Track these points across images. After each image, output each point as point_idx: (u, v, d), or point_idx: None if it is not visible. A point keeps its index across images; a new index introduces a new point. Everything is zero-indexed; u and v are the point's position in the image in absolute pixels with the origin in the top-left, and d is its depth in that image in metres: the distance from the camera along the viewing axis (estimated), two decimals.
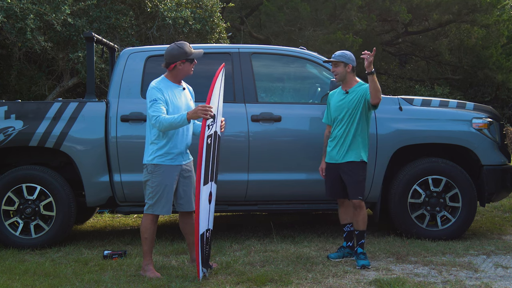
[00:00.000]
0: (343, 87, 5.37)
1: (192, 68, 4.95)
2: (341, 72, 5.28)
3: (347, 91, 5.31)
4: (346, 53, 5.33)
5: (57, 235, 5.99)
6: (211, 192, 4.83)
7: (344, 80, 5.32)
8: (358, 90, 5.27)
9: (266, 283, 4.56)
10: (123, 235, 6.57)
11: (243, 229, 6.77)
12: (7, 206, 5.97)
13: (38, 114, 5.98)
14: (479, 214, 7.53)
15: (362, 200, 5.20)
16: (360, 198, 5.19)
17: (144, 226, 4.90)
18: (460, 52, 17.32)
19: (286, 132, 6.07)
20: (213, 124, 4.76)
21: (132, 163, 5.85)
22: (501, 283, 4.57)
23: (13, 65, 11.53)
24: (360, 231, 5.21)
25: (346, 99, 5.28)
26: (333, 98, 5.43)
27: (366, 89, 5.22)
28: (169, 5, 10.69)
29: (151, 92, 4.79)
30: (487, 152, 6.09)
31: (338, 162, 5.28)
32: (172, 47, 4.89)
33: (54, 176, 6.00)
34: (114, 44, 7.41)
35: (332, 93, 5.50)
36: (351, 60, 5.30)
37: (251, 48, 6.37)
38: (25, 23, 9.24)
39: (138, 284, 4.62)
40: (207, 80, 5.57)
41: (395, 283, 4.46)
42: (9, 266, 5.23)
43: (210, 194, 4.82)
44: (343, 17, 15.27)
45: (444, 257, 5.37)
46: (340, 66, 5.27)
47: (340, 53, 5.33)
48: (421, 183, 6.02)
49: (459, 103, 6.44)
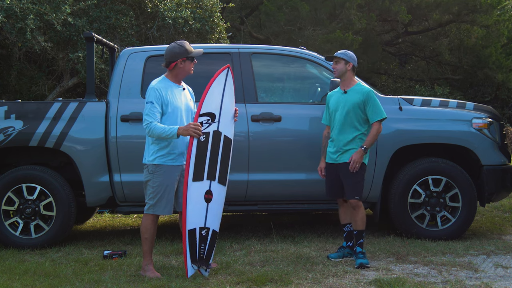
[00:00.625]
0: (342, 87, 5.38)
1: (192, 67, 4.95)
2: (341, 68, 5.30)
3: (345, 91, 5.32)
4: (348, 52, 5.37)
5: (57, 235, 5.99)
6: (210, 191, 4.80)
7: (343, 77, 5.33)
8: (357, 91, 5.27)
9: (266, 283, 4.56)
10: (123, 235, 6.57)
11: (243, 229, 6.77)
12: (7, 206, 5.97)
13: (38, 114, 5.98)
14: (479, 214, 7.53)
15: (359, 200, 5.20)
16: (357, 198, 5.19)
17: (144, 226, 4.90)
18: (460, 52, 17.31)
19: (286, 132, 6.07)
20: (213, 123, 4.77)
21: (132, 163, 5.85)
22: (501, 283, 4.57)
23: (13, 65, 11.53)
24: (358, 230, 5.21)
25: (344, 98, 5.28)
26: (332, 99, 5.44)
27: (365, 93, 5.23)
28: (169, 5, 10.69)
29: (150, 92, 4.79)
30: (487, 152, 6.09)
31: (337, 163, 5.29)
32: (173, 45, 4.89)
33: (54, 176, 6.00)
34: (114, 44, 7.42)
35: (331, 94, 5.51)
36: (353, 59, 5.33)
37: (251, 48, 6.38)
38: (25, 23, 9.23)
39: (138, 284, 4.62)
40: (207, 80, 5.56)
41: (395, 283, 4.46)
42: (9, 266, 5.23)
43: (209, 192, 4.79)
44: (343, 17, 15.26)
45: (444, 257, 5.37)
46: (341, 63, 5.30)
47: (342, 51, 5.40)
48: (421, 183, 6.02)
49: (459, 103, 6.44)
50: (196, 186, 4.69)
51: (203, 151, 4.74)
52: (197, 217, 4.71)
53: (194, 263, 4.68)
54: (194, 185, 4.68)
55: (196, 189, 4.69)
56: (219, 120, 4.84)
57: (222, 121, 4.87)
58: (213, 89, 4.83)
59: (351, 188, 5.20)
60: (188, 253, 4.64)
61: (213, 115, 4.77)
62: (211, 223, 4.82)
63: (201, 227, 4.74)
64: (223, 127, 4.88)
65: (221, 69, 4.90)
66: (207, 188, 4.78)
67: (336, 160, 5.29)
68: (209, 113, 4.78)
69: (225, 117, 4.90)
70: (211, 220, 4.82)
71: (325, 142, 5.48)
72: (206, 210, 4.79)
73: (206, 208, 4.79)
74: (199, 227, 4.72)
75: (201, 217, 4.74)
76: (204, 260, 4.73)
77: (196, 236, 4.69)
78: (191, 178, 4.64)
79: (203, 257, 4.74)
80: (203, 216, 4.75)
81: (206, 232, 4.77)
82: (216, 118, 4.82)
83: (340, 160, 5.26)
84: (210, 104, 4.79)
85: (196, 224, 4.70)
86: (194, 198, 4.68)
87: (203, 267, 4.72)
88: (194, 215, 4.68)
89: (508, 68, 16.26)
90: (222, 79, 4.90)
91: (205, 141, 4.74)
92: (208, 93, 4.77)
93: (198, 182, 4.70)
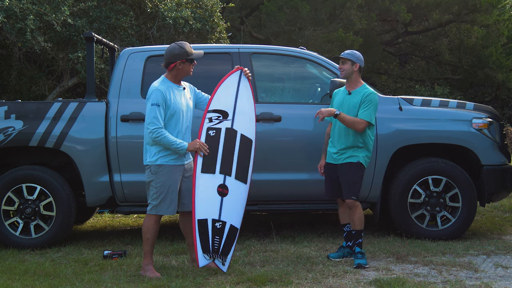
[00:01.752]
0: (347, 87, 5.37)
1: (191, 69, 4.95)
2: (348, 69, 5.29)
3: (350, 92, 5.31)
4: (355, 53, 5.36)
5: (57, 235, 5.99)
6: (224, 185, 4.90)
7: (349, 78, 5.32)
8: (360, 93, 5.26)
9: (266, 283, 4.56)
10: (123, 235, 6.57)
11: (243, 229, 6.73)
12: (7, 206, 5.97)
13: (38, 114, 5.98)
14: (479, 214, 7.53)
15: (356, 200, 5.20)
16: (354, 198, 5.19)
17: (146, 226, 4.90)
18: (460, 52, 17.31)
19: (286, 132, 6.07)
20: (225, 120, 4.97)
21: (132, 163, 5.85)
22: (501, 283, 4.57)
23: (13, 65, 11.53)
24: (356, 230, 5.21)
25: (348, 100, 5.28)
26: (336, 97, 5.45)
27: (365, 94, 5.22)
28: (169, 5, 10.69)
29: (155, 94, 4.77)
30: (487, 152, 6.09)
31: (336, 163, 5.29)
32: (173, 46, 4.88)
33: (54, 176, 6.00)
34: (114, 44, 7.41)
35: (337, 92, 5.51)
36: (359, 60, 5.32)
37: (251, 48, 6.38)
38: (25, 23, 9.23)
39: (138, 284, 4.62)
40: (207, 80, 5.57)
41: (395, 283, 4.46)
42: (9, 266, 5.23)
43: (223, 187, 4.89)
44: (343, 17, 15.26)
45: (444, 257, 5.37)
46: (348, 63, 5.29)
47: (349, 51, 5.38)
48: (421, 183, 6.02)
49: (459, 103, 6.44)
50: (206, 178, 4.87)
51: (213, 145, 4.93)
52: (209, 208, 4.83)
53: (206, 253, 4.76)
54: (204, 176, 4.87)
55: (206, 181, 4.86)
56: (233, 119, 5.02)
57: (238, 120, 5.04)
58: (224, 88, 5.04)
59: (348, 188, 5.20)
60: (199, 242, 4.76)
61: (224, 113, 4.98)
62: (227, 218, 4.89)
63: (214, 219, 4.83)
64: (239, 126, 5.05)
65: (233, 70, 5.12)
66: (220, 182, 4.91)
67: (336, 160, 5.29)
68: (220, 110, 4.99)
69: (242, 117, 5.07)
70: (227, 215, 4.89)
71: (327, 140, 5.48)
72: (220, 203, 4.88)
73: (220, 202, 4.88)
74: (211, 218, 4.82)
75: (213, 209, 4.85)
76: (220, 253, 4.80)
77: (208, 227, 4.80)
78: (199, 170, 4.85)
79: (218, 250, 4.81)
80: (216, 208, 4.86)
81: (221, 225, 4.85)
82: (229, 116, 5.00)
83: (340, 161, 5.26)
84: (220, 102, 5.00)
85: (207, 215, 4.82)
86: (204, 189, 4.84)
87: (219, 259, 4.79)
88: (204, 206, 4.82)
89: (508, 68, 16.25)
90: (235, 80, 5.09)
91: (215, 136, 4.95)
92: (218, 91, 5.02)
93: (209, 174, 4.88)
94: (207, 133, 4.93)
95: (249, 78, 5.14)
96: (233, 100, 5.05)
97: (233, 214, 4.94)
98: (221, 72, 6.17)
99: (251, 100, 5.17)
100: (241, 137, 5.04)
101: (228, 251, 4.85)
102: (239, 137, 5.03)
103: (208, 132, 4.94)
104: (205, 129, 4.94)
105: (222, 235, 4.83)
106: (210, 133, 4.93)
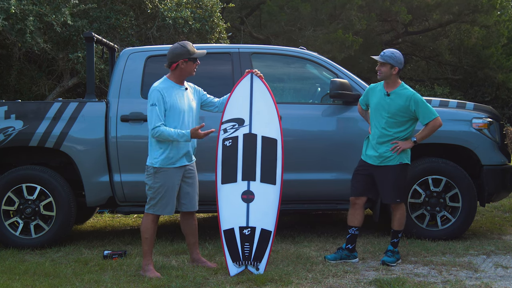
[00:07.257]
0: (386, 87, 5.18)
1: (194, 69, 4.94)
2: (386, 72, 5.10)
3: (388, 94, 5.13)
4: (395, 55, 5.10)
5: (57, 235, 5.99)
6: (249, 191, 4.90)
7: (387, 80, 5.16)
8: (400, 95, 5.09)
9: (266, 283, 4.56)
10: (123, 235, 6.57)
11: None
12: (7, 206, 5.96)
13: (38, 114, 5.98)
14: (479, 214, 7.53)
15: (400, 202, 5.17)
16: (398, 201, 5.16)
17: (144, 226, 4.90)
18: (460, 52, 17.33)
19: (286, 132, 6.03)
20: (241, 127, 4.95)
21: (132, 163, 5.85)
22: (501, 283, 4.57)
23: (13, 65, 11.52)
24: (394, 230, 5.25)
25: (388, 102, 5.11)
26: (373, 96, 5.23)
27: (410, 96, 5.07)
28: (169, 5, 10.70)
29: (152, 94, 4.78)
30: (487, 152, 6.09)
31: (375, 164, 5.18)
32: (175, 46, 4.88)
33: (54, 176, 6.00)
34: (114, 44, 7.42)
35: (373, 89, 5.29)
36: (399, 63, 5.10)
37: (251, 48, 6.37)
38: (25, 24, 9.23)
39: (138, 284, 4.62)
40: (207, 80, 5.56)
41: (395, 283, 4.46)
42: (9, 266, 5.23)
43: (248, 193, 4.89)
44: (343, 17, 15.27)
45: (444, 257, 5.37)
46: (387, 66, 5.09)
47: (389, 53, 5.10)
48: (421, 183, 6.02)
49: (459, 103, 6.44)
50: (227, 188, 4.91)
51: (231, 155, 4.94)
52: (234, 217, 4.87)
53: (236, 262, 4.80)
54: (225, 187, 4.91)
55: (228, 191, 4.91)
56: (251, 123, 4.98)
57: (256, 123, 4.99)
58: (237, 95, 5.01)
59: (392, 191, 5.12)
60: (227, 252, 4.81)
61: (240, 120, 4.95)
62: (257, 223, 4.88)
63: (241, 226, 4.86)
64: (259, 129, 5.00)
65: (243, 75, 5.08)
66: (244, 189, 4.91)
67: (376, 161, 5.17)
68: (235, 118, 4.97)
69: (260, 118, 5.02)
70: (256, 220, 4.89)
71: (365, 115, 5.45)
72: (246, 210, 4.88)
73: (246, 208, 4.88)
74: (238, 226, 4.85)
75: (240, 217, 4.87)
76: (253, 259, 4.82)
77: (236, 235, 4.83)
78: (219, 181, 4.91)
79: (249, 256, 4.82)
80: (243, 216, 4.87)
81: (250, 231, 4.85)
82: (245, 122, 4.97)
83: (383, 163, 5.14)
84: (234, 111, 4.98)
85: (233, 224, 4.86)
86: (227, 199, 4.89)
87: (251, 265, 4.81)
88: (228, 215, 4.87)
89: (508, 68, 16.29)
90: (247, 83, 5.04)
91: (233, 145, 4.94)
92: (230, 101, 5.01)
93: (230, 184, 4.90)
94: (223, 144, 4.94)
95: (261, 78, 5.07)
96: (248, 104, 5.00)
97: (264, 218, 4.91)
98: (221, 72, 6.19)
99: (268, 99, 5.05)
100: (263, 139, 4.99)
101: (262, 255, 4.84)
102: (260, 140, 4.98)
103: (224, 143, 4.94)
104: (221, 141, 4.95)
105: (253, 241, 4.84)
106: (226, 144, 4.93)
